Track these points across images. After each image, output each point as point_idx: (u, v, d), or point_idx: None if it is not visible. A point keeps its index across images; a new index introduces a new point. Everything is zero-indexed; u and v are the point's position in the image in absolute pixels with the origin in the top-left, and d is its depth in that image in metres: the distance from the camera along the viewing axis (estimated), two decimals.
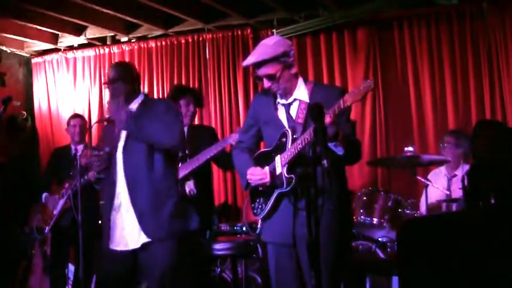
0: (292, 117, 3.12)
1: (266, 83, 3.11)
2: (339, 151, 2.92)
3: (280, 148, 3.10)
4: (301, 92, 3.13)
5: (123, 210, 3.53)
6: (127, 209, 3.51)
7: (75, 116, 5.62)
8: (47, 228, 5.01)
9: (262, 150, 3.29)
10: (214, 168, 5.15)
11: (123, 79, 3.57)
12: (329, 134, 2.76)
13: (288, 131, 3.08)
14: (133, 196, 3.50)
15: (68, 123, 5.44)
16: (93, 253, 4.84)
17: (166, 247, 3.47)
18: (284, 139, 3.09)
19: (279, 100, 3.17)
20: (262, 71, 3.08)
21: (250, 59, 3.10)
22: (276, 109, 3.18)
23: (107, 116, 4.02)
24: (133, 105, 3.59)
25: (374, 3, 5.83)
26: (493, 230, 2.63)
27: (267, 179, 3.11)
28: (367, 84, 2.71)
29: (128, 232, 3.50)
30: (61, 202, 4.95)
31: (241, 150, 3.38)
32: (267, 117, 3.21)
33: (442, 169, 5.06)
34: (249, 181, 3.19)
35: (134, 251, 3.49)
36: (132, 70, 3.69)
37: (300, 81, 3.16)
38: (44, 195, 5.14)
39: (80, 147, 5.23)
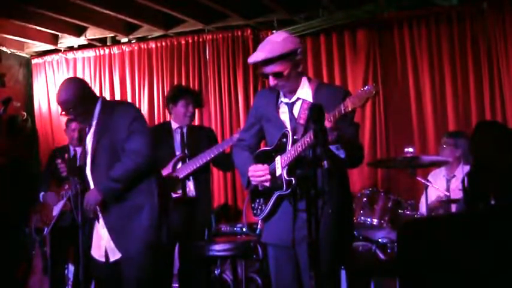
0: (294, 117, 3.06)
1: (272, 81, 3.01)
2: (342, 154, 2.87)
3: (281, 148, 3.04)
4: (305, 91, 3.06)
5: (101, 221, 3.58)
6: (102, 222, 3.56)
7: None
8: (46, 229, 5.00)
9: (262, 148, 3.24)
10: (214, 169, 5.15)
11: (74, 106, 3.56)
12: (330, 139, 2.71)
13: (288, 131, 3.03)
14: (104, 212, 3.55)
15: (67, 125, 5.37)
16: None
17: (135, 262, 3.47)
18: (284, 139, 3.03)
19: (282, 99, 3.12)
20: (270, 68, 2.98)
21: (259, 55, 2.98)
22: (278, 107, 3.12)
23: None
24: (94, 122, 3.62)
25: (374, 4, 5.82)
26: (493, 230, 2.63)
27: (268, 177, 3.05)
28: (368, 89, 2.60)
29: (105, 244, 3.55)
30: (60, 203, 4.93)
31: (241, 148, 3.32)
32: (269, 115, 3.15)
33: (442, 170, 5.06)
34: (251, 178, 3.13)
35: (114, 262, 3.52)
36: (79, 90, 3.59)
37: (304, 79, 3.09)
38: (41, 194, 5.13)
39: (79, 149, 5.19)
